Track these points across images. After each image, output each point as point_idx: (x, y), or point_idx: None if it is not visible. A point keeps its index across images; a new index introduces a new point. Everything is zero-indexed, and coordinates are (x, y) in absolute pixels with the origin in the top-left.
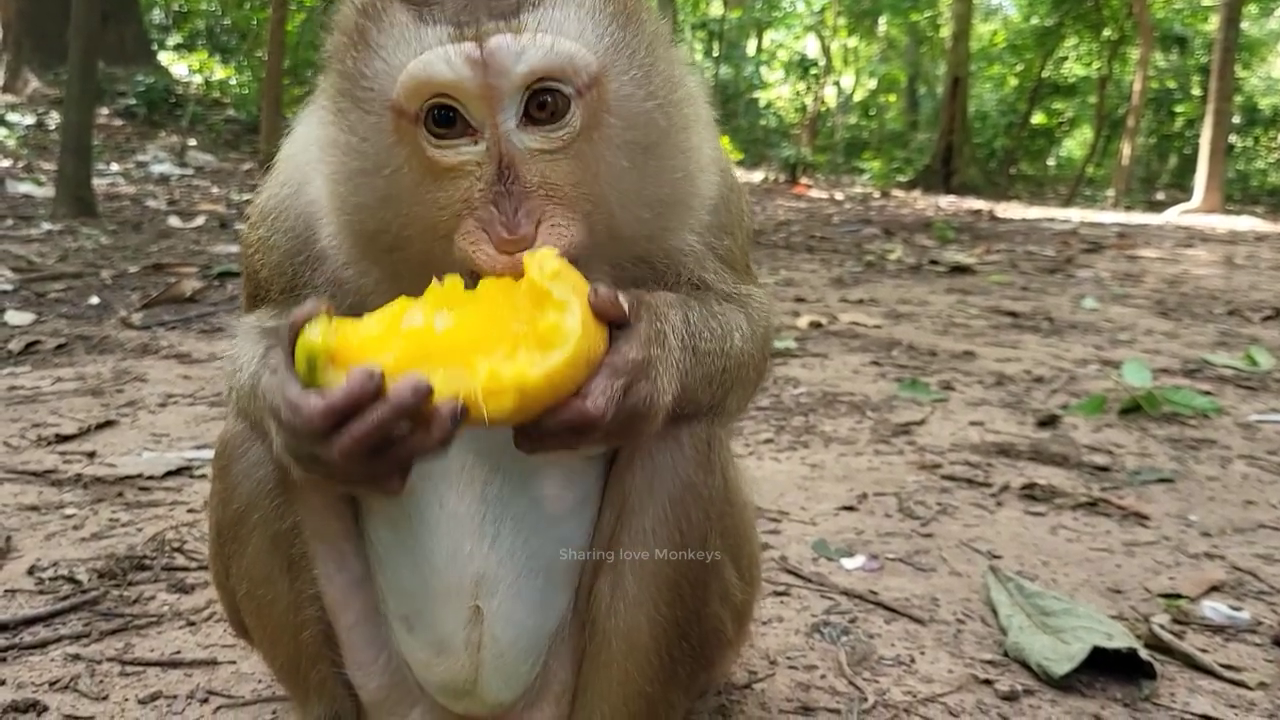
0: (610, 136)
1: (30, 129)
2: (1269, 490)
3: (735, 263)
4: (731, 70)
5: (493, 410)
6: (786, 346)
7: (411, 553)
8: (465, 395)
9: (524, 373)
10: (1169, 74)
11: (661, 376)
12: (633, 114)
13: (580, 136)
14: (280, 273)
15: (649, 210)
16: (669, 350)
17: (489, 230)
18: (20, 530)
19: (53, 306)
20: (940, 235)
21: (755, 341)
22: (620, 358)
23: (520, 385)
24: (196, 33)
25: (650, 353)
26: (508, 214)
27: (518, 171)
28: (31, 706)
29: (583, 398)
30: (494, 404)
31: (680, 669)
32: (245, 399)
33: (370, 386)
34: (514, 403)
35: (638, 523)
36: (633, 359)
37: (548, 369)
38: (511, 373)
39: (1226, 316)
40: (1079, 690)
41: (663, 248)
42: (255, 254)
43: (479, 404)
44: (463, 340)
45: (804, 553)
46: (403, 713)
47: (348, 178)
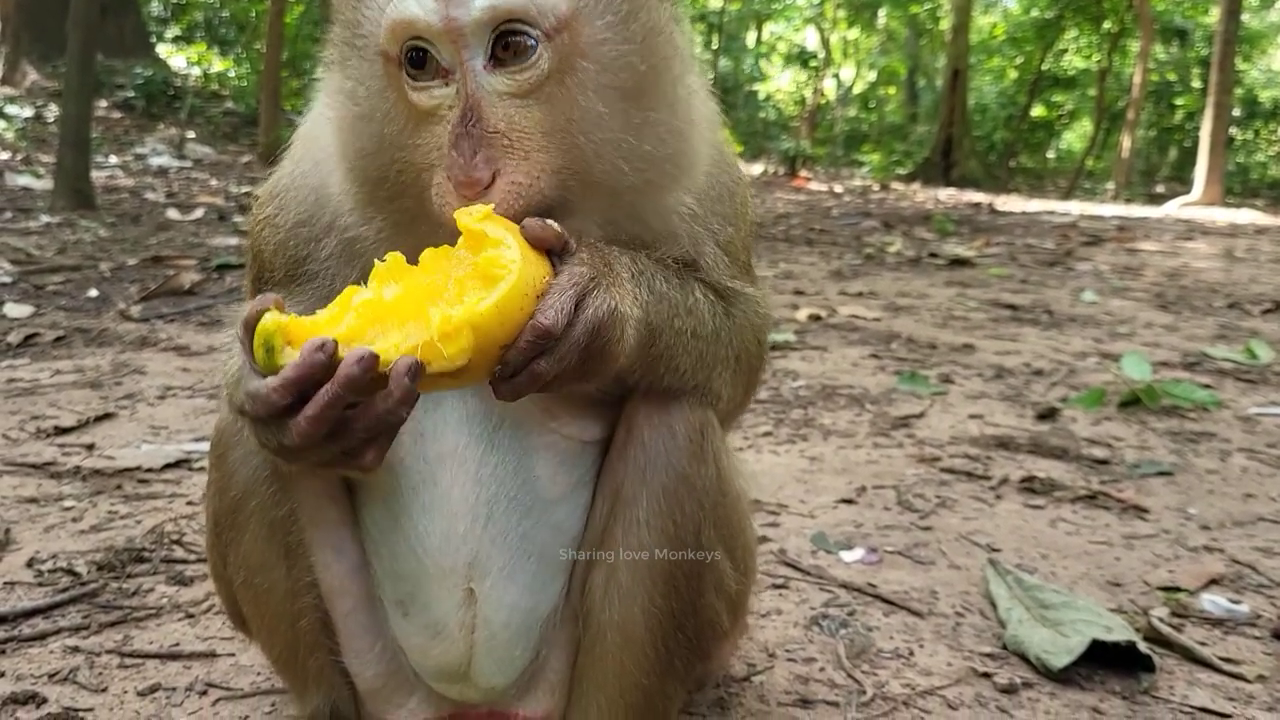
0: (584, 81)
1: (29, 121)
2: (1268, 483)
3: (735, 256)
4: (731, 63)
5: (451, 355)
6: (786, 339)
7: (406, 535)
8: (422, 344)
9: (473, 308)
10: (1169, 67)
11: (614, 289)
12: (609, 59)
13: (550, 80)
14: (284, 250)
15: (630, 163)
16: (617, 274)
17: (450, 175)
18: (19, 523)
19: (51, 299)
20: (940, 228)
21: (738, 329)
22: (565, 275)
23: (471, 320)
24: (195, 25)
25: (598, 269)
26: (465, 156)
27: (482, 113)
28: (31, 698)
29: (535, 316)
30: (451, 346)
31: (676, 660)
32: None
33: (321, 357)
34: (469, 341)
35: (631, 514)
36: (579, 272)
37: (496, 298)
38: (462, 311)
39: (1226, 309)
40: (1078, 683)
41: (654, 207)
42: (262, 231)
43: (438, 347)
44: (412, 300)
45: (803, 545)
46: (399, 701)
47: (351, 124)
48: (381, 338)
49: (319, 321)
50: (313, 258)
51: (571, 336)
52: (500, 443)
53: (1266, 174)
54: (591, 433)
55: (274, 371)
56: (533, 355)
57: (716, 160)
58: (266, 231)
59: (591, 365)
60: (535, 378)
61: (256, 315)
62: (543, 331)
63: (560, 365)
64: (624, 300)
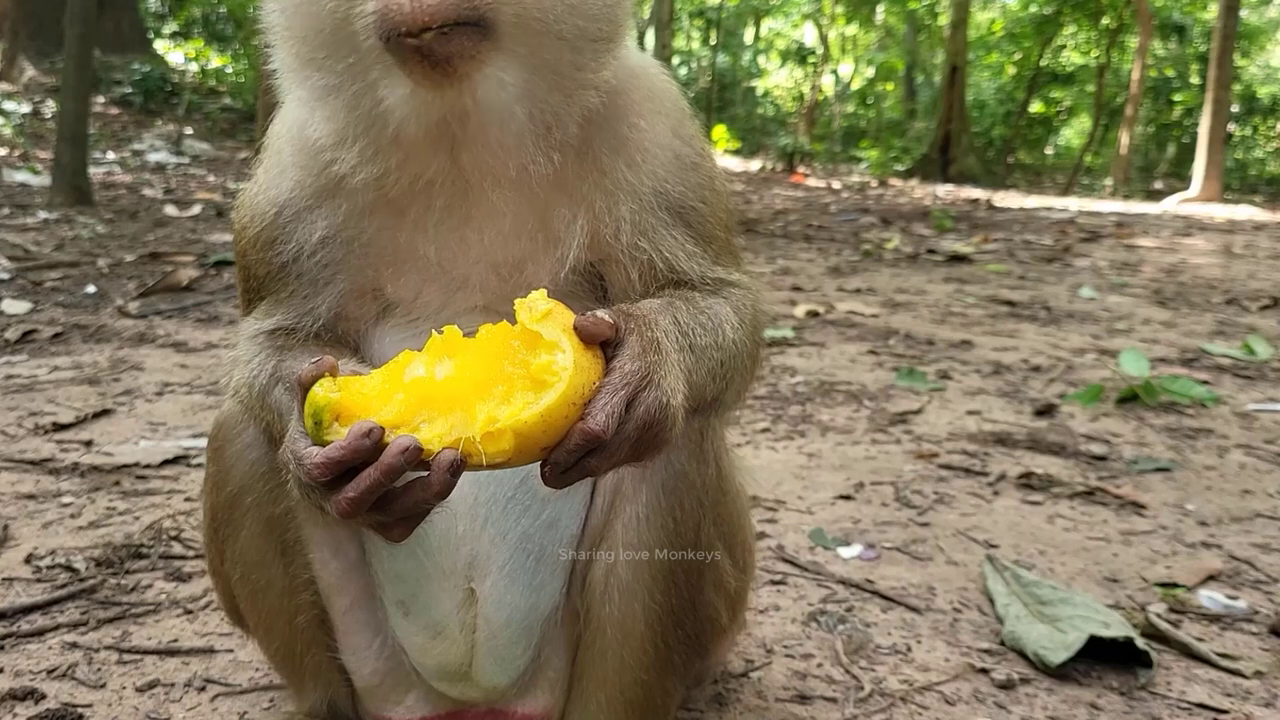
0: None
1: (26, 117)
2: (1266, 479)
3: (713, 239)
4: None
5: (491, 454)
6: (784, 335)
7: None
8: (465, 441)
9: (518, 415)
10: (1168, 62)
11: (665, 379)
12: None
13: None
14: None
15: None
16: (666, 354)
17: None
18: (18, 519)
19: (49, 295)
20: (938, 224)
21: (746, 330)
22: (616, 374)
23: (516, 427)
24: (192, 21)
25: (647, 361)
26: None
27: None
28: (29, 694)
29: (584, 418)
30: (491, 447)
31: (675, 656)
32: (256, 406)
33: (367, 443)
34: (511, 444)
35: (631, 510)
36: (629, 371)
37: (542, 408)
38: (507, 415)
39: (1224, 305)
40: (1075, 679)
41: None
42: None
43: (478, 449)
44: (461, 387)
45: (801, 542)
46: (397, 698)
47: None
48: (427, 425)
49: (368, 398)
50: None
51: (622, 435)
52: None
53: (1265, 170)
54: None
55: (319, 441)
56: (581, 456)
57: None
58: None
59: (643, 454)
60: (587, 472)
61: (311, 379)
62: (592, 436)
63: (610, 461)
64: (675, 393)
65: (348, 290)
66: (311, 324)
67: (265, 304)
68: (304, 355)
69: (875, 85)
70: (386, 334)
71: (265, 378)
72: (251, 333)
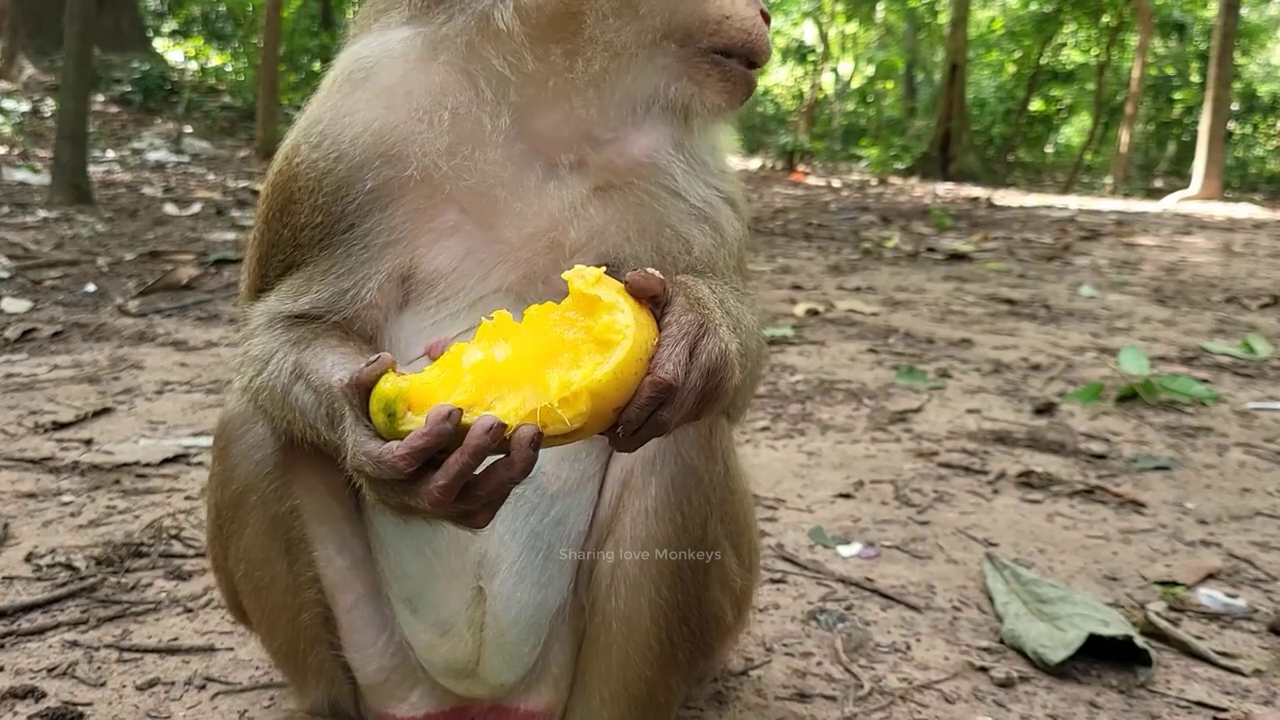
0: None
1: (26, 116)
2: (1266, 478)
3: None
4: None
5: (571, 418)
6: (784, 334)
7: (414, 535)
8: (543, 410)
9: (591, 374)
10: (1168, 61)
11: (719, 327)
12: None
13: None
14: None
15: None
16: (711, 309)
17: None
18: (18, 517)
19: (49, 294)
20: (938, 223)
21: (756, 326)
22: (675, 326)
23: (590, 386)
24: (192, 19)
25: (700, 312)
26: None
27: None
28: (30, 693)
29: (651, 370)
30: (570, 410)
31: (680, 653)
32: (275, 404)
33: (448, 426)
34: (588, 405)
35: (640, 504)
36: (686, 321)
37: (613, 365)
38: (580, 377)
39: (1224, 304)
40: (1075, 677)
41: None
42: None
43: (557, 413)
44: (525, 362)
45: (800, 540)
46: (401, 695)
47: None
48: (500, 402)
49: (435, 385)
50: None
51: (689, 383)
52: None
53: (1265, 168)
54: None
55: (395, 436)
56: (654, 409)
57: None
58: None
59: (707, 405)
60: (659, 428)
61: (373, 377)
62: (664, 386)
63: (680, 412)
64: (730, 339)
65: (393, 269)
66: (348, 306)
67: (296, 279)
68: (327, 353)
69: (875, 83)
70: (407, 323)
71: (285, 376)
72: (271, 317)
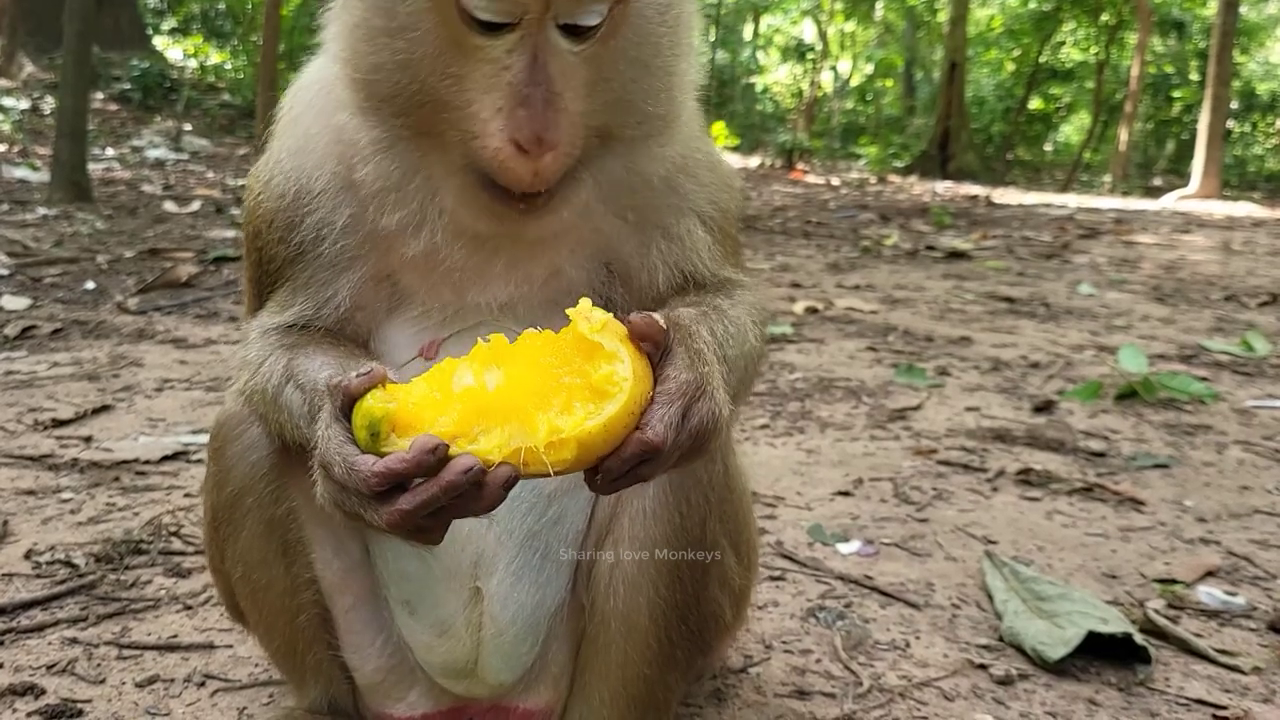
0: (624, 46)
1: (25, 114)
2: (1264, 476)
3: (727, 241)
4: (728, 55)
5: (555, 461)
6: (783, 332)
7: None
8: (527, 451)
9: (581, 424)
10: (1167, 59)
11: (717, 390)
12: (646, 28)
13: (598, 42)
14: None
15: (633, 119)
16: (711, 366)
17: (515, 133)
18: (17, 514)
19: (48, 291)
20: (937, 221)
21: (758, 333)
22: (673, 384)
23: (580, 437)
24: (191, 17)
25: (699, 372)
26: (535, 116)
27: (550, 73)
28: (29, 690)
29: (642, 429)
30: (555, 457)
31: (678, 652)
32: (268, 406)
33: (431, 459)
34: (574, 454)
35: (638, 505)
36: (684, 381)
37: (605, 419)
38: (570, 425)
39: (1223, 302)
40: (1074, 675)
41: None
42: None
43: (541, 457)
44: (517, 397)
45: (800, 538)
46: (400, 695)
47: (369, 35)
48: (485, 435)
49: (422, 408)
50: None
51: (676, 444)
52: None
53: (1264, 167)
54: None
55: (373, 451)
56: (636, 464)
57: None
58: (263, 203)
59: (688, 460)
60: (636, 479)
61: (361, 390)
62: (652, 448)
63: (661, 469)
64: (723, 401)
65: (368, 274)
66: (331, 314)
67: (281, 294)
68: (318, 354)
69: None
70: (399, 328)
71: (277, 378)
72: (264, 329)
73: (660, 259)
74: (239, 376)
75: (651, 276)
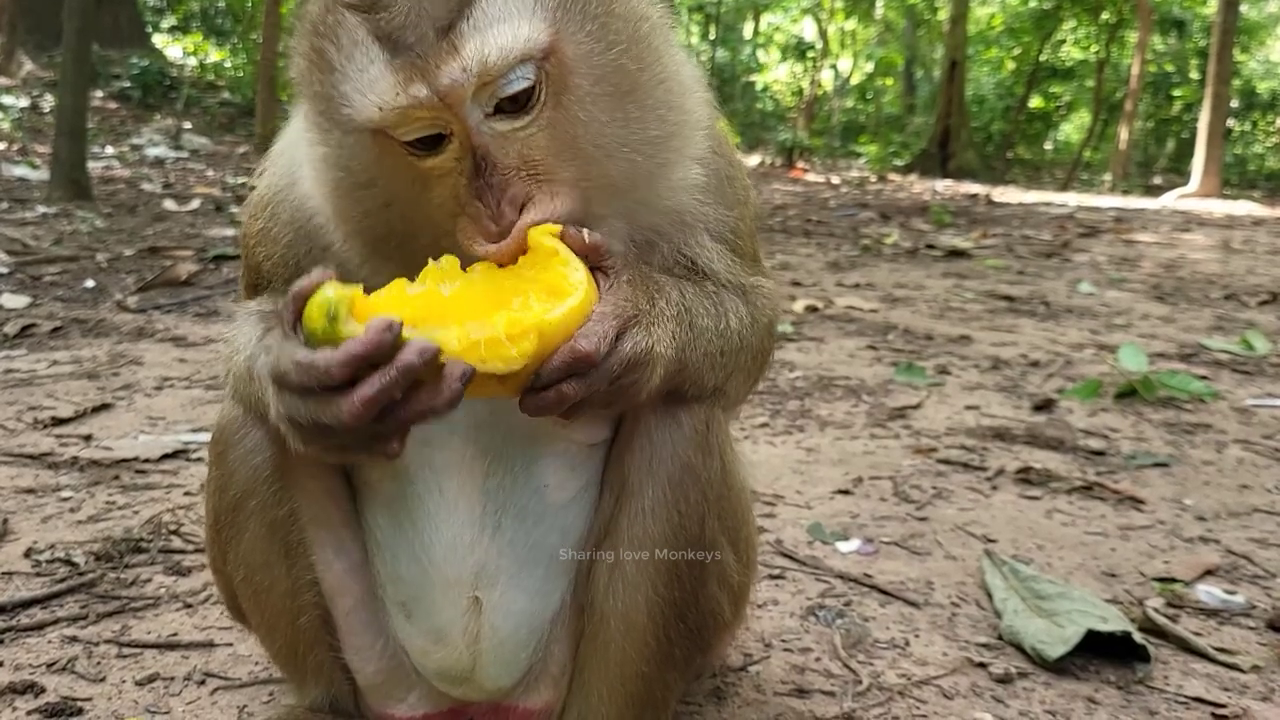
0: (581, 96)
1: (25, 112)
2: (1264, 475)
3: (742, 248)
4: (728, 53)
5: (516, 353)
6: (783, 331)
7: (410, 542)
8: (487, 342)
9: (541, 315)
10: (1167, 58)
11: (655, 328)
12: (598, 67)
13: (548, 105)
14: (284, 264)
15: (639, 151)
16: (660, 311)
17: (478, 226)
18: (17, 513)
19: (48, 290)
20: (937, 219)
21: (757, 331)
22: (610, 305)
23: (540, 326)
24: (191, 15)
25: (640, 306)
26: (492, 207)
27: (493, 160)
28: (29, 688)
29: (574, 338)
30: (517, 346)
31: (677, 650)
32: (242, 381)
33: (388, 337)
34: (534, 345)
35: (636, 504)
36: (623, 304)
37: (564, 311)
38: (530, 317)
39: (1223, 301)
40: (1073, 673)
41: (666, 184)
42: (256, 245)
43: (505, 346)
44: (473, 299)
45: (799, 536)
46: (400, 696)
47: (347, 191)
48: (441, 330)
49: (378, 303)
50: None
51: (605, 366)
52: (509, 453)
53: (1264, 165)
54: (600, 434)
55: (331, 343)
56: (564, 375)
57: (712, 143)
58: (262, 245)
59: (616, 397)
60: (562, 398)
61: (314, 286)
62: (582, 356)
63: (588, 390)
64: (661, 341)
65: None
66: None
67: (269, 294)
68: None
69: (874, 80)
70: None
71: (251, 347)
72: (249, 311)
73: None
74: (225, 361)
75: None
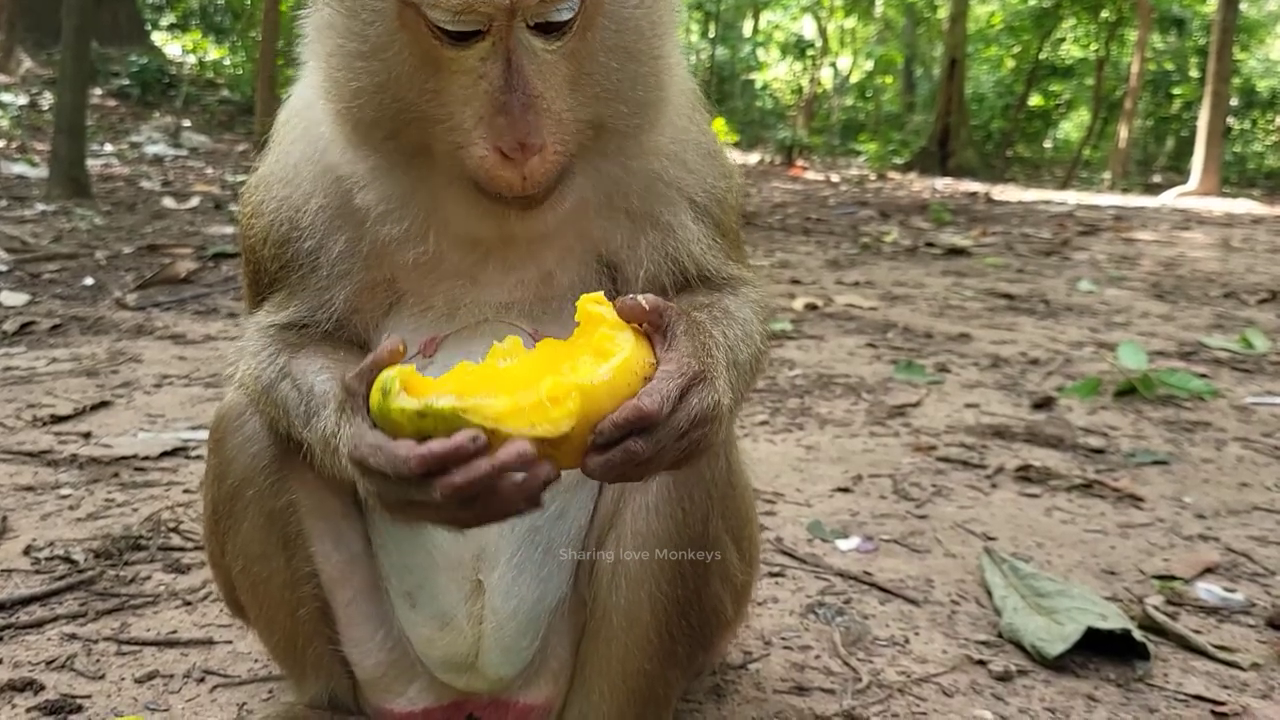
0: (602, 38)
1: (24, 109)
2: (1263, 472)
3: (725, 224)
4: (728, 51)
5: (558, 415)
6: (782, 329)
7: (414, 528)
8: (530, 407)
9: (584, 377)
10: (1167, 56)
11: (718, 380)
12: (621, 20)
13: (575, 38)
14: (277, 241)
15: (628, 104)
16: (718, 362)
17: (499, 140)
18: (16, 510)
19: (47, 287)
20: (936, 217)
21: (763, 333)
22: (674, 364)
23: (581, 386)
24: (190, 12)
25: (702, 360)
26: (517, 122)
27: (527, 77)
28: (28, 685)
29: (639, 397)
30: (559, 409)
31: (679, 647)
32: (259, 396)
33: (472, 448)
34: (577, 405)
35: (641, 500)
36: (686, 363)
37: (608, 370)
38: (572, 379)
39: (1222, 299)
40: (1073, 671)
41: (636, 146)
42: (252, 221)
43: (546, 408)
44: (527, 371)
45: (799, 534)
46: (400, 689)
47: (345, 61)
48: (491, 399)
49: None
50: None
51: (672, 422)
52: None
53: (1263, 164)
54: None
55: (382, 417)
56: (625, 433)
57: (692, 117)
58: (256, 221)
59: (686, 455)
60: (629, 456)
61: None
62: (645, 414)
63: (656, 448)
64: (725, 393)
65: (364, 283)
66: (327, 317)
67: (278, 296)
68: (316, 356)
69: (874, 78)
70: (397, 327)
71: (274, 372)
72: (261, 326)
73: (648, 251)
74: (237, 364)
75: (640, 269)
